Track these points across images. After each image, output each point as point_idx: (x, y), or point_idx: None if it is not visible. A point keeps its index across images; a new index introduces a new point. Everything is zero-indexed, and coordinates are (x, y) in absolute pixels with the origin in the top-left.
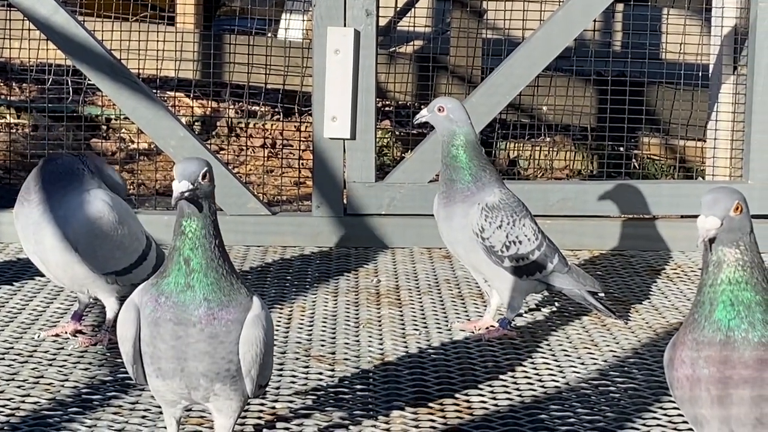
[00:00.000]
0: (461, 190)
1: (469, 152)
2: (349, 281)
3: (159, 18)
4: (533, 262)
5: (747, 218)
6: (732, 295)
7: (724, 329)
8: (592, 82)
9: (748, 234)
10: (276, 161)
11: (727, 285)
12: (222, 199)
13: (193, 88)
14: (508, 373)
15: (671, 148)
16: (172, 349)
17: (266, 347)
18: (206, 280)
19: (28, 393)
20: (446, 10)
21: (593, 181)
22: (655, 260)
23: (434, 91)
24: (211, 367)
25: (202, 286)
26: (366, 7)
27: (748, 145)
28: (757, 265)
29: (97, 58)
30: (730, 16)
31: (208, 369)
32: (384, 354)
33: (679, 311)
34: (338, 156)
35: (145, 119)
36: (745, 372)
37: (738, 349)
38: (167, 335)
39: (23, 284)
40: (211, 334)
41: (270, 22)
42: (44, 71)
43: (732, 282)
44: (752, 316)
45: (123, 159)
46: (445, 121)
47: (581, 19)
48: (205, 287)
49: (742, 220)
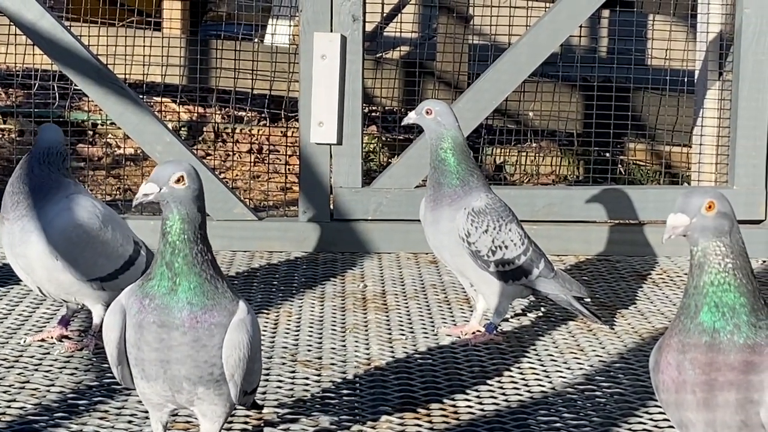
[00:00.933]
0: (448, 194)
1: (458, 155)
2: (335, 286)
3: (145, 23)
4: (519, 266)
5: (725, 218)
6: (716, 297)
7: (709, 331)
8: (578, 87)
9: (727, 234)
10: (263, 166)
11: (710, 287)
12: (209, 205)
13: (180, 94)
14: (495, 378)
15: (657, 153)
16: (156, 352)
17: (251, 352)
18: (188, 283)
19: (14, 398)
20: (433, 16)
21: (579, 187)
22: (641, 265)
23: (421, 97)
24: (194, 371)
25: (185, 289)
26: (352, 13)
27: (733, 151)
28: (740, 267)
29: (83, 63)
30: (716, 22)
31: (191, 372)
32: (370, 359)
33: (664, 316)
34: (325, 161)
35: (132, 124)
36: (730, 374)
37: (723, 351)
38: (151, 338)
39: (9, 289)
40: (194, 338)
41: (257, 27)
42: (30, 76)
43: (715, 284)
44: (737, 318)
45: (109, 164)
46: (433, 124)
47: (567, 24)
48: (187, 290)
49: (717, 219)
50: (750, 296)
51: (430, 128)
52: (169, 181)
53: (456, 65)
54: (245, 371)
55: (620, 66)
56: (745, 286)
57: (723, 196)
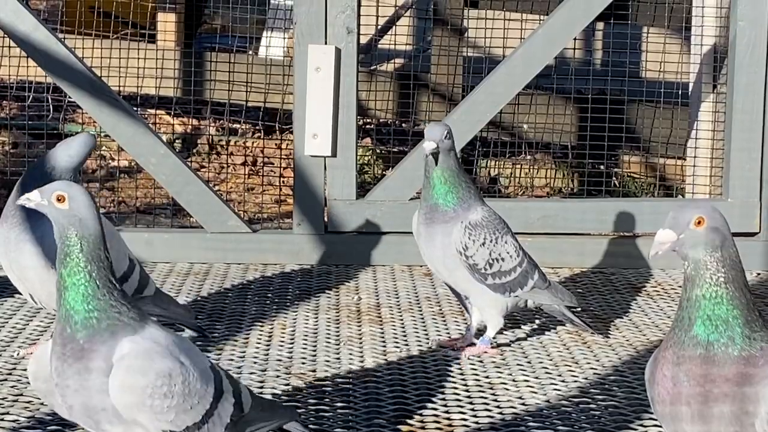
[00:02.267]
0: (444, 210)
1: (454, 173)
2: (329, 299)
3: (140, 35)
4: (515, 279)
5: (716, 233)
6: (708, 310)
7: (703, 344)
8: (573, 100)
9: (719, 248)
10: (257, 179)
11: (703, 300)
12: (203, 217)
13: (174, 106)
14: (489, 390)
15: (651, 166)
16: (56, 385)
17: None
18: (77, 315)
19: (7, 411)
20: (427, 28)
21: (574, 199)
22: (636, 278)
23: (415, 109)
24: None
25: (74, 320)
26: (347, 25)
27: (727, 163)
28: (732, 280)
29: (77, 76)
30: (710, 34)
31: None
32: (365, 371)
33: (659, 329)
34: (319, 173)
35: (126, 137)
36: (725, 386)
37: (718, 363)
38: (52, 369)
39: (2, 302)
40: (78, 371)
41: (251, 39)
42: (24, 88)
43: (707, 297)
44: (731, 331)
45: (103, 176)
46: None
47: (562, 37)
48: (76, 321)
49: (708, 234)
50: (743, 309)
51: None
52: (51, 198)
53: (450, 77)
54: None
55: (614, 78)
56: (738, 298)
57: (715, 211)
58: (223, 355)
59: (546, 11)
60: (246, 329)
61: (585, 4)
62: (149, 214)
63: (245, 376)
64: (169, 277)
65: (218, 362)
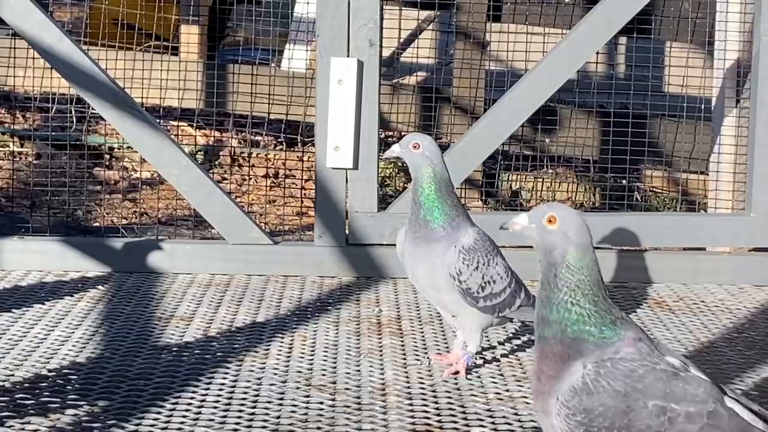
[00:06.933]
0: (434, 230)
1: (443, 191)
2: (350, 311)
3: (163, 48)
4: (504, 299)
5: (564, 237)
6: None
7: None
8: (595, 114)
9: (557, 250)
10: (278, 191)
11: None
12: (224, 228)
13: (197, 118)
14: (509, 403)
15: (674, 180)
16: None
17: None
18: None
19: (28, 421)
20: (449, 42)
21: (595, 213)
22: (657, 293)
23: (437, 123)
24: None
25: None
26: (369, 38)
27: (750, 178)
28: (573, 287)
29: (101, 87)
30: (733, 49)
31: None
32: (385, 384)
33: (680, 343)
34: (341, 186)
35: (149, 148)
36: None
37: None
38: None
39: (24, 312)
40: None
41: (274, 52)
42: (48, 100)
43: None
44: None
45: (126, 188)
46: (420, 159)
47: (584, 51)
48: None
49: (557, 235)
50: (588, 307)
51: (417, 163)
52: None
53: (472, 91)
54: None
55: (637, 93)
56: (579, 302)
57: (576, 217)
58: (243, 366)
59: (569, 25)
60: (266, 341)
61: (607, 19)
62: (171, 226)
63: (265, 387)
64: (190, 288)
65: (238, 374)
